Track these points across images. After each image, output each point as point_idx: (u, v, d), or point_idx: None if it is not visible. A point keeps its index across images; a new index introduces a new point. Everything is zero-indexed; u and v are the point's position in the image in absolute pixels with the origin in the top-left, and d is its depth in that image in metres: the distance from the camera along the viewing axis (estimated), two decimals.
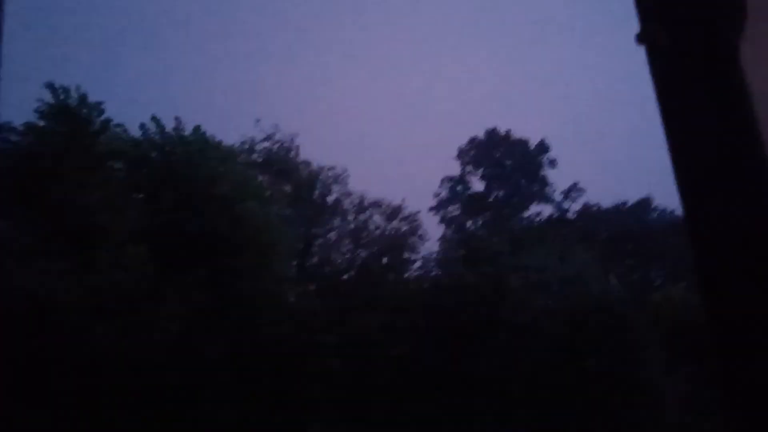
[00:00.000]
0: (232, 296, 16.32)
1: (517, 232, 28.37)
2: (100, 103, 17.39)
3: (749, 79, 1.26)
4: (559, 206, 32.13)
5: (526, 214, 32.32)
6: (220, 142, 19.44)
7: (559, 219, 30.89)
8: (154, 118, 18.35)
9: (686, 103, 1.29)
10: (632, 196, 30.53)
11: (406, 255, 25.61)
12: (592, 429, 16.42)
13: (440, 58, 47.02)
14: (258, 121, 25.41)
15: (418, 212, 27.24)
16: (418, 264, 25.62)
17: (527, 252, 21.22)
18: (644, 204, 30.72)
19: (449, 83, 46.31)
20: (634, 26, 1.36)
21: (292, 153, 26.04)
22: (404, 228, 26.47)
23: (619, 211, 30.42)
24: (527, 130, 34.42)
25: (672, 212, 28.38)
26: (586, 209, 31.18)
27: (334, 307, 18.71)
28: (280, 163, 25.27)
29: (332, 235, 25.93)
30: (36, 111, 16.35)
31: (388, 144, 41.83)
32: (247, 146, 24.60)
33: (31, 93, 16.24)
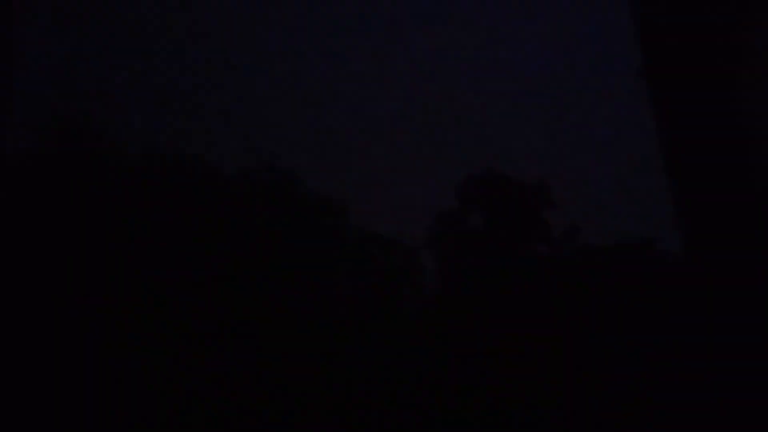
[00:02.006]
0: None
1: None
2: (103, 128, 17.46)
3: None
4: (557, 247, 31.97)
5: (524, 254, 32.08)
6: (218, 170, 19.50)
7: (557, 260, 30.69)
8: (157, 144, 18.42)
9: (687, 134, 1.25)
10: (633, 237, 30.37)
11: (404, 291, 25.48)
12: None
13: (442, 89, 47.56)
14: (250, 152, 25.41)
15: (417, 248, 27.22)
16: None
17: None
18: (645, 246, 30.53)
19: (451, 115, 46.75)
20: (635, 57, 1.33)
21: (293, 184, 26.11)
22: (402, 263, 26.38)
23: (619, 252, 30.22)
24: (526, 169, 34.62)
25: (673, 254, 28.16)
26: (585, 250, 31.00)
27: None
28: (280, 193, 25.26)
29: (332, 268, 25.78)
30: (38, 134, 16.39)
31: (386, 176, 41.97)
32: (247, 177, 24.60)
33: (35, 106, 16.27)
